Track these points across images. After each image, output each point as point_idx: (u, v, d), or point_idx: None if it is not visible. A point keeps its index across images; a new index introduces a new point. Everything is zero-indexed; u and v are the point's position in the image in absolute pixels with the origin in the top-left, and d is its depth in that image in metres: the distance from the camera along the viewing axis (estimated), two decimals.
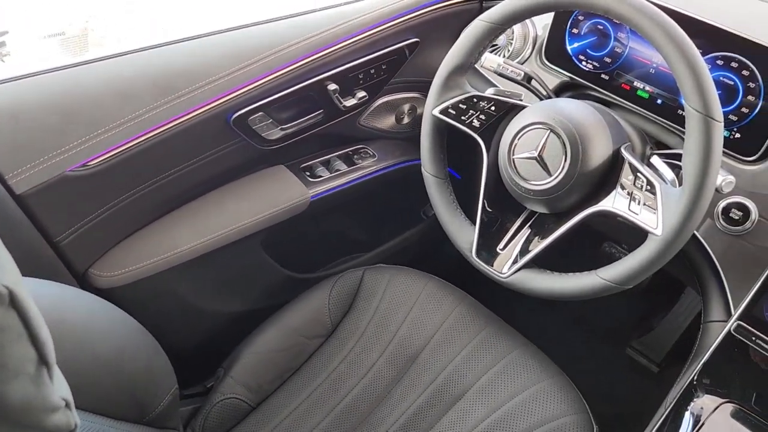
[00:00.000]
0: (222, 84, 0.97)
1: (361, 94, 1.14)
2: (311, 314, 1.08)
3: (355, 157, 1.23)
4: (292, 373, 1.04)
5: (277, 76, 1.02)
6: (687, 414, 0.84)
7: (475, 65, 0.97)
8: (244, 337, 1.07)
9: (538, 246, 0.86)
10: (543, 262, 0.89)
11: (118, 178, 0.94)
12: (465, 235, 0.93)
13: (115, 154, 0.91)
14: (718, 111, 0.72)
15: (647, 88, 0.97)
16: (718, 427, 0.83)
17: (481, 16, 0.88)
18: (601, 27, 0.99)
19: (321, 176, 1.17)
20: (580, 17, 1.01)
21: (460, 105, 0.93)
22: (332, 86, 1.08)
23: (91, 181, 0.90)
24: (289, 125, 1.08)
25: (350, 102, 1.13)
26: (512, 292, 0.90)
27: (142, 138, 0.93)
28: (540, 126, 0.83)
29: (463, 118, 0.93)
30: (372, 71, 1.13)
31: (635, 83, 0.98)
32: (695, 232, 0.91)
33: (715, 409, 0.83)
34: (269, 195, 1.11)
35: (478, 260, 0.91)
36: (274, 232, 1.15)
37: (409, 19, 1.12)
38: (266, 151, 1.10)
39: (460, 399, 0.98)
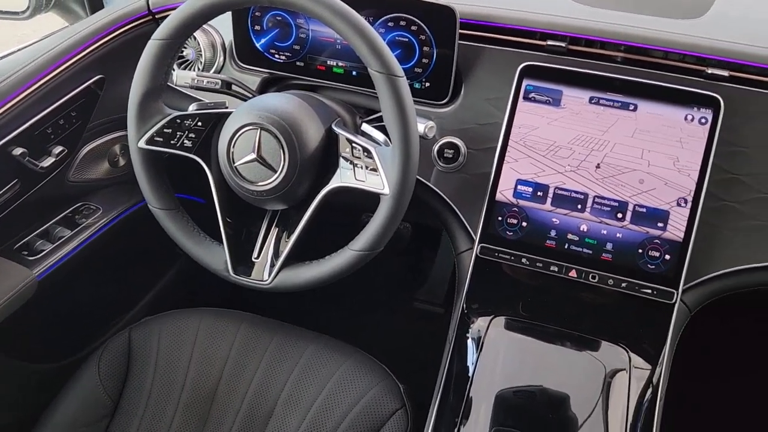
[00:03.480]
0: None
1: (58, 149, 1.02)
2: (85, 398, 0.96)
3: (77, 217, 1.11)
4: None
5: None
6: (468, 341, 0.92)
7: (171, 85, 0.93)
8: None
9: (289, 242, 0.86)
10: (310, 252, 0.89)
11: None
12: (216, 257, 0.90)
13: None
14: (397, 68, 0.78)
15: (340, 63, 1.01)
16: (496, 341, 0.91)
17: (153, 36, 0.84)
18: (280, 18, 1.01)
19: (43, 250, 1.03)
20: (258, 13, 1.02)
21: (165, 130, 0.88)
22: (18, 150, 0.95)
23: None
24: None
25: (48, 161, 1.01)
26: (289, 293, 0.89)
27: None
28: (249, 127, 0.82)
29: (172, 142, 0.88)
30: (61, 122, 1.02)
31: (329, 62, 1.02)
32: (423, 180, 0.98)
33: (488, 327, 0.91)
34: None
35: (237, 276, 0.88)
36: (9, 329, 0.99)
37: (84, 56, 1.03)
38: None
39: (270, 417, 0.95)
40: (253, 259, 0.89)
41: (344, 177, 0.83)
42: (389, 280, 1.66)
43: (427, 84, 0.98)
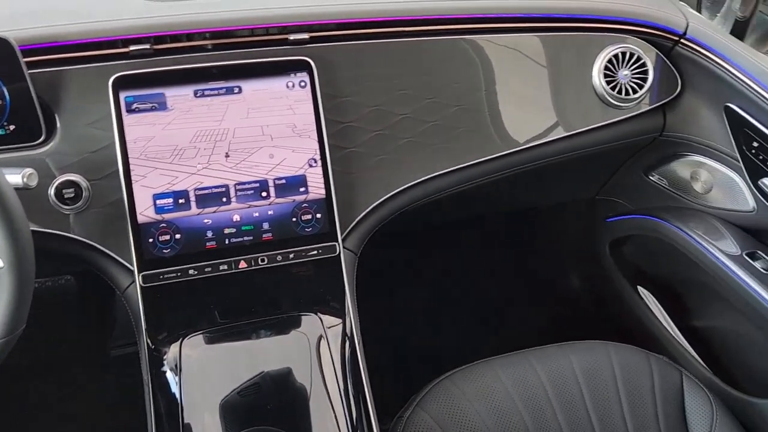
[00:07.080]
0: None
1: None
2: None
3: None
4: None
5: None
6: (167, 373, 0.86)
7: None
8: None
9: None
10: None
11: None
12: None
13: None
14: None
15: None
16: (198, 359, 0.87)
17: None
18: None
19: None
20: None
21: None
22: None
23: None
24: None
25: None
26: None
27: None
28: None
29: None
30: None
31: None
32: (51, 230, 0.87)
33: (180, 349, 0.87)
34: None
35: None
36: None
37: None
38: None
39: None
40: None
41: None
42: (74, 343, 1.48)
43: (12, 127, 0.85)
